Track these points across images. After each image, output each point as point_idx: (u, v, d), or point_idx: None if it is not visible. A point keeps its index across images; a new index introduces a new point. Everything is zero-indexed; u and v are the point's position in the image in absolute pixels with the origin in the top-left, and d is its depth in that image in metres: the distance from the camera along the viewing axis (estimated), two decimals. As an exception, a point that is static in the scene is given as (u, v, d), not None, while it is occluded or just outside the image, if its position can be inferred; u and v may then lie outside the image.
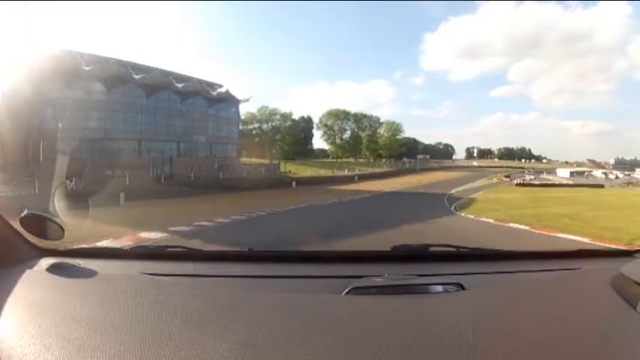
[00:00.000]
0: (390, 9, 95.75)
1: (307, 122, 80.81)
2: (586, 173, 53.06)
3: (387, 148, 79.37)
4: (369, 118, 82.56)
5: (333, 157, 74.79)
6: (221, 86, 43.06)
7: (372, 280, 1.08)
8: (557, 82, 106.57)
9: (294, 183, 36.32)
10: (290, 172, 45.05)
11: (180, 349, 0.72)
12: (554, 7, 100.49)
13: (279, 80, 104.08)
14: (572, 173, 50.86)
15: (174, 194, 21.25)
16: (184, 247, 1.44)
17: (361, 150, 79.59)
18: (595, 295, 1.00)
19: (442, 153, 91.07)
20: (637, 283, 0.92)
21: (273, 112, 73.57)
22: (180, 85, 38.10)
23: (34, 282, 1.08)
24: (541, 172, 55.28)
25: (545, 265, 1.30)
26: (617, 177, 48.88)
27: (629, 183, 41.73)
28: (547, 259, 1.39)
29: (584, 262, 1.30)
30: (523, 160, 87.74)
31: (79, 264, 1.22)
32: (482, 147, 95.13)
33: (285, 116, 75.53)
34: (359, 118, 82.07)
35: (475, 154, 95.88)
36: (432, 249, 1.40)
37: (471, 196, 25.08)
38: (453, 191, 30.33)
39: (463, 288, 1.03)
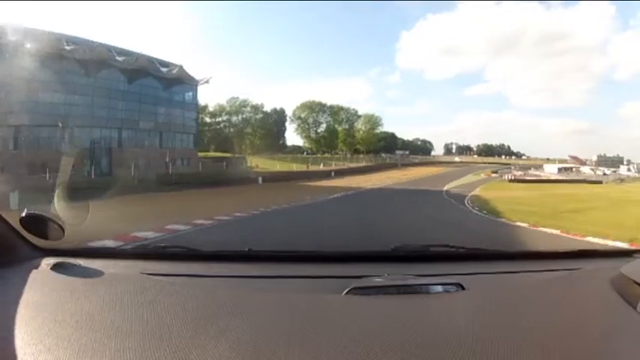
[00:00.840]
0: (367, 6, 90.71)
1: (280, 115, 75.07)
2: (574, 169, 52.48)
3: (365, 143, 74.50)
4: (346, 110, 77.16)
5: (307, 153, 69.60)
6: (176, 65, 36.33)
7: (372, 280, 1.07)
8: (534, 80, 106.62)
9: (260, 179, 30.62)
10: (257, 166, 39.10)
11: (181, 348, 0.72)
12: (535, 6, 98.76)
13: (252, 76, 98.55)
14: (559, 169, 50.25)
15: (103, 193, 16.89)
16: (184, 247, 1.42)
17: (337, 145, 74.50)
18: (595, 295, 1.00)
19: (421, 149, 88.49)
20: (637, 283, 0.92)
21: (243, 104, 67.53)
22: (121, 59, 31.38)
23: (34, 282, 1.07)
24: (528, 168, 53.10)
25: (545, 265, 1.28)
26: (604, 173, 48.34)
27: (621, 179, 40.77)
28: (547, 259, 1.39)
29: (584, 262, 1.29)
30: (504, 157, 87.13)
31: (79, 264, 1.21)
32: (461, 143, 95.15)
33: (256, 108, 69.55)
34: (335, 111, 76.63)
35: (454, 151, 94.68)
36: (432, 249, 1.39)
37: (474, 193, 22.88)
38: (447, 187, 28.15)
39: (463, 288, 1.02)
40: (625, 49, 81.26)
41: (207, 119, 63.26)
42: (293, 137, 79.73)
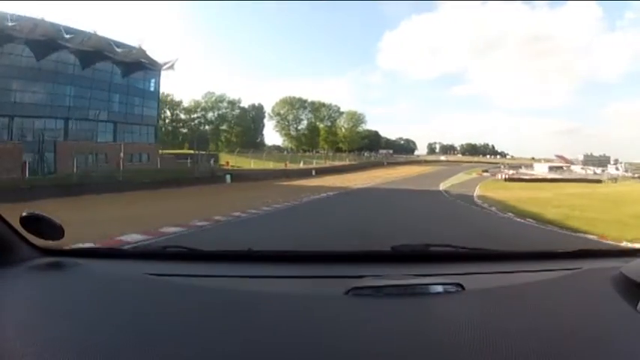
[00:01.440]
0: (351, 6, 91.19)
1: (258, 111, 70.60)
2: (564, 168, 51.01)
3: (348, 141, 70.70)
4: (328, 107, 73.23)
5: (288, 152, 65.79)
6: (135, 47, 31.30)
7: (372, 280, 1.06)
8: (518, 81, 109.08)
9: (228, 178, 26.17)
10: (228, 164, 34.55)
11: (181, 348, 0.73)
12: (520, 6, 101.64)
13: (230, 72, 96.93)
14: (550, 168, 48.75)
15: (36, 194, 13.58)
16: (184, 247, 1.39)
17: (319, 143, 70.47)
18: (595, 295, 1.00)
19: (404, 148, 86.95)
20: (637, 283, 0.93)
21: (220, 99, 63.77)
22: (70, 37, 26.35)
23: (34, 282, 1.08)
24: (517, 167, 50.71)
25: (545, 265, 1.28)
26: (595, 173, 47.37)
27: (615, 179, 39.17)
28: (547, 259, 1.39)
29: (584, 262, 1.28)
30: (488, 156, 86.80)
31: (79, 264, 1.20)
32: (445, 143, 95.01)
33: (233, 103, 65.65)
34: (316, 107, 72.52)
35: (437, 150, 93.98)
36: (432, 249, 1.38)
37: (481, 193, 20.79)
38: (446, 186, 25.90)
39: (463, 288, 1.01)
40: (610, 50, 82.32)
41: (182, 115, 59.72)
42: (272, 136, 74.57)
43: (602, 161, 61.17)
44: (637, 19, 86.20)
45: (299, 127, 72.56)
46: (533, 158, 71.00)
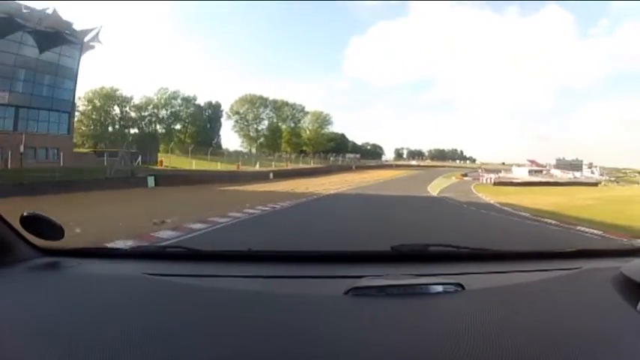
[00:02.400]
0: (318, 12, 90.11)
1: (215, 109, 63.43)
2: (544, 172, 52.17)
3: (313, 144, 65.14)
4: (292, 106, 67.33)
5: (246, 155, 59.31)
6: (47, 9, 23.99)
7: (372, 280, 1.05)
8: (487, 87, 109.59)
9: (151, 180, 19.58)
10: (161, 163, 27.67)
11: (180, 348, 0.73)
12: (491, 13, 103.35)
13: (189, 73, 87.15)
14: (530, 172, 49.51)
15: None
16: (184, 247, 1.41)
17: (281, 145, 64.27)
18: (595, 295, 1.00)
19: (371, 153, 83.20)
20: (637, 283, 0.93)
21: (173, 96, 56.89)
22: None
23: (34, 282, 1.07)
24: (497, 171, 48.98)
25: (545, 265, 1.28)
26: (574, 176, 48.41)
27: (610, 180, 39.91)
28: (547, 259, 1.39)
29: (584, 262, 1.28)
30: (458, 161, 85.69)
31: (79, 264, 1.21)
32: (413, 148, 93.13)
33: (188, 100, 58.64)
34: (279, 106, 66.35)
35: (405, 155, 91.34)
36: (432, 249, 1.37)
37: (500, 200, 17.30)
38: (436, 192, 23.07)
39: (463, 288, 1.01)
40: (579, 57, 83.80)
41: (133, 114, 53.61)
42: (231, 137, 67.20)
43: (575, 165, 61.59)
44: (610, 27, 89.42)
45: (259, 128, 66.16)
46: (503, 163, 70.53)
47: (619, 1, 65.77)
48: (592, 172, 52.98)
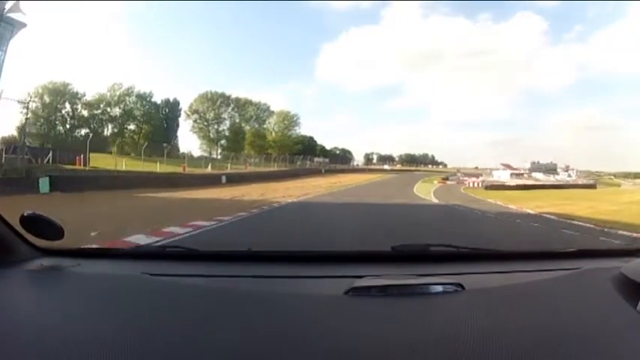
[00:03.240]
0: (289, 17, 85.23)
1: (173, 108, 56.85)
2: (525, 175, 50.80)
3: (279, 146, 59.94)
4: (256, 105, 61.71)
5: (205, 159, 53.39)
6: None
7: (372, 280, 1.05)
8: (458, 93, 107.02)
9: (44, 183, 13.87)
10: (80, 162, 21.71)
11: (180, 348, 0.73)
12: (463, 20, 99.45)
13: (154, 77, 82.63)
14: (512, 175, 48.09)
15: None
16: (184, 247, 1.41)
17: (244, 147, 58.58)
18: (595, 295, 1.00)
19: (340, 158, 79.44)
20: (637, 283, 0.93)
21: (127, 92, 50.36)
22: None
23: (34, 282, 1.07)
24: (476, 175, 47.04)
25: (545, 265, 1.28)
26: (555, 178, 48.96)
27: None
28: (547, 259, 1.39)
29: (584, 262, 1.29)
30: (430, 166, 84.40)
31: (79, 264, 1.19)
32: (383, 153, 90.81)
33: (142, 97, 52.07)
34: (242, 104, 60.87)
35: (375, 160, 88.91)
36: (432, 249, 1.38)
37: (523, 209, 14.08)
38: (433, 198, 19.47)
39: (463, 288, 1.01)
40: (552, 62, 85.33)
41: (85, 112, 47.62)
42: (188, 137, 60.70)
43: (549, 168, 61.22)
44: (585, 32, 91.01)
45: (220, 128, 60.18)
46: (476, 167, 69.28)
47: (602, 1, 66.46)
48: (569, 175, 52.60)
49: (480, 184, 31.50)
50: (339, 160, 77.24)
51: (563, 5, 78.56)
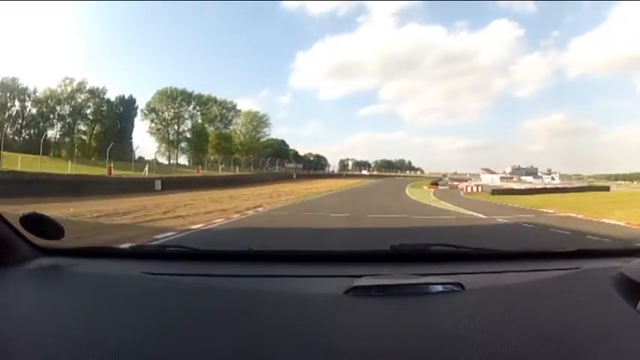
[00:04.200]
0: (264, 25, 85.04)
1: (128, 106, 49.97)
2: (515, 179, 51.25)
3: (246, 149, 54.26)
4: (221, 104, 55.79)
5: (156, 163, 47.64)
6: None
7: (372, 279, 1.05)
8: (428, 101, 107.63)
9: None
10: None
11: (180, 348, 0.73)
12: (438, 29, 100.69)
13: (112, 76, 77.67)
14: (502, 179, 49.02)
15: None
16: (184, 247, 1.40)
17: (207, 150, 52.40)
18: (595, 295, 1.01)
19: (314, 164, 76.66)
20: (637, 283, 0.94)
21: (79, 89, 44.09)
22: None
23: (34, 282, 1.08)
24: (467, 179, 47.34)
25: (546, 265, 1.28)
26: (542, 181, 49.13)
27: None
28: (547, 259, 1.39)
29: (584, 262, 1.28)
30: (408, 172, 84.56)
31: (79, 264, 1.20)
32: (359, 159, 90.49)
33: (94, 93, 45.43)
34: (204, 101, 54.45)
35: (350, 167, 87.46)
36: (432, 248, 1.37)
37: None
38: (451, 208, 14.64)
39: (463, 288, 1.01)
40: (530, 68, 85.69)
41: (34, 110, 41.95)
42: (146, 140, 53.84)
43: (530, 172, 62.31)
44: (563, 37, 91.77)
45: (180, 129, 53.78)
46: (455, 172, 70.12)
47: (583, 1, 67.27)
48: (552, 179, 53.31)
49: (480, 189, 28.88)
50: (314, 166, 73.52)
51: (540, 12, 79.52)
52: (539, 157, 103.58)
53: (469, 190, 29.49)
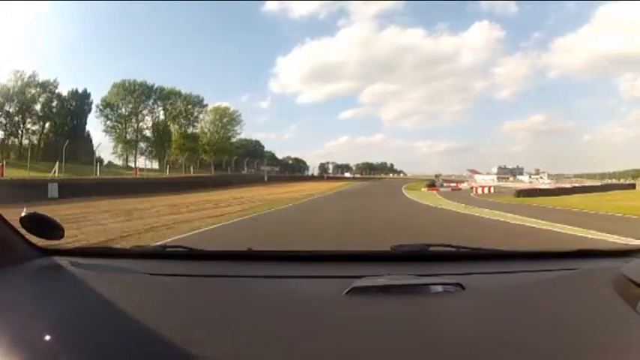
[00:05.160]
0: (245, 29, 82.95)
1: (81, 101, 43.72)
2: (510, 179, 52.06)
3: (215, 150, 48.61)
4: (186, 98, 49.99)
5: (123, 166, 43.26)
6: None
7: (372, 280, 1.05)
8: (409, 104, 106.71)
9: None
10: None
11: (181, 348, 0.73)
12: (419, 31, 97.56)
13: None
14: (498, 178, 49.29)
15: None
16: (184, 247, 1.41)
17: (170, 150, 46.47)
18: (595, 295, 1.01)
19: (292, 167, 73.74)
20: (637, 283, 0.94)
21: (29, 83, 39.01)
22: None
23: (34, 282, 1.09)
24: (462, 180, 45.79)
25: (545, 265, 1.28)
26: (531, 181, 49.38)
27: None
28: (547, 259, 1.39)
29: (584, 262, 1.29)
30: (391, 174, 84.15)
31: (79, 264, 1.20)
32: (340, 162, 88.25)
33: (45, 87, 39.95)
34: (166, 95, 48.41)
35: (330, 170, 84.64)
36: (432, 249, 1.37)
37: None
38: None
39: (463, 288, 1.01)
40: (511, 69, 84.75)
41: None
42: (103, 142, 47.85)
43: (516, 172, 62.93)
44: (544, 38, 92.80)
45: (139, 126, 47.60)
46: (435, 175, 67.56)
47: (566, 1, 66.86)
48: (541, 178, 53.55)
49: (492, 190, 26.56)
50: (292, 169, 69.26)
51: (522, 14, 78.67)
52: (520, 157, 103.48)
53: (479, 191, 27.11)
